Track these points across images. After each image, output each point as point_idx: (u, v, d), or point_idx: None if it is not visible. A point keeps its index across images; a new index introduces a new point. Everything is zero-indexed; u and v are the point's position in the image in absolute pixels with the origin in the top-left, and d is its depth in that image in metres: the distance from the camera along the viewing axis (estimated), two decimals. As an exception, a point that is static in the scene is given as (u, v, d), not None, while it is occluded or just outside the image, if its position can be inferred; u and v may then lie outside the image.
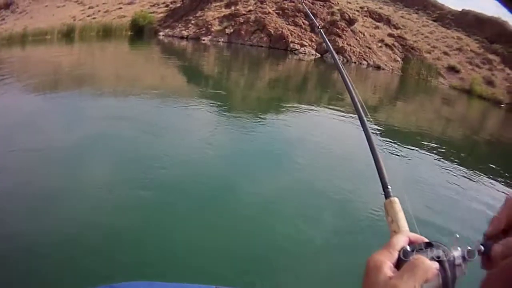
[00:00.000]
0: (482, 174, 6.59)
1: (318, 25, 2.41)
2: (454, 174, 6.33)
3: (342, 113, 9.25)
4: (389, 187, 0.73)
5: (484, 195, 5.60)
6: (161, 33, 20.69)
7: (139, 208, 3.77)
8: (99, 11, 24.12)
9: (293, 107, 9.79)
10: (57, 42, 19.46)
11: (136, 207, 3.78)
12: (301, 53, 19.56)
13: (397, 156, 6.78)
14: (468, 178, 6.31)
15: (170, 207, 3.87)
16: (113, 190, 4.09)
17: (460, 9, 25.84)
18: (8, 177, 4.17)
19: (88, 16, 24.08)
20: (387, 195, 0.71)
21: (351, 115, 9.24)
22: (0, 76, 9.77)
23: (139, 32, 21.00)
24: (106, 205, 3.74)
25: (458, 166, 6.79)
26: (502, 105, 18.03)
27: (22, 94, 8.27)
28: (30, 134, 5.57)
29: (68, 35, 20.47)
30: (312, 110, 9.91)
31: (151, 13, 21.95)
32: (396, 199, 0.67)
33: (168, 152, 5.35)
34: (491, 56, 22.97)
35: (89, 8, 25.50)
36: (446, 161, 7.04)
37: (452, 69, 21.64)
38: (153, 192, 4.12)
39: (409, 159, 6.89)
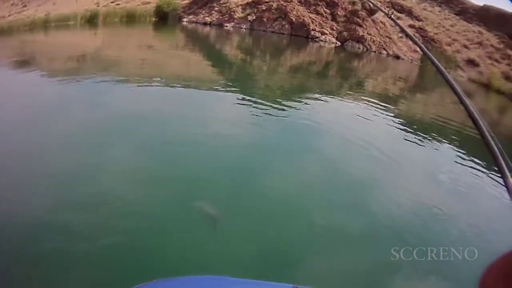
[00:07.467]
0: None
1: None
2: None
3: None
4: None
5: None
6: (184, 19, 21.19)
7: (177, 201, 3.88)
8: (123, -3, 24.60)
9: (316, 93, 10.00)
10: (80, 27, 19.30)
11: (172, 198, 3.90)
12: (322, 40, 19.85)
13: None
14: None
15: (204, 195, 3.96)
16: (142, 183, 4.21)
17: (481, 4, 25.82)
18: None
19: (112, 2, 24.53)
20: None
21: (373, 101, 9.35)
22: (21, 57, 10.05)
23: (163, 18, 21.41)
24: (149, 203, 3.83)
25: None
26: None
27: (46, 77, 8.39)
28: (53, 117, 5.68)
29: (91, 20, 20.24)
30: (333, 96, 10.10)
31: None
32: None
33: (189, 139, 5.35)
34: (510, 52, 22.88)
35: (114, -6, 25.99)
36: None
37: (471, 63, 21.67)
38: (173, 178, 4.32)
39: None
